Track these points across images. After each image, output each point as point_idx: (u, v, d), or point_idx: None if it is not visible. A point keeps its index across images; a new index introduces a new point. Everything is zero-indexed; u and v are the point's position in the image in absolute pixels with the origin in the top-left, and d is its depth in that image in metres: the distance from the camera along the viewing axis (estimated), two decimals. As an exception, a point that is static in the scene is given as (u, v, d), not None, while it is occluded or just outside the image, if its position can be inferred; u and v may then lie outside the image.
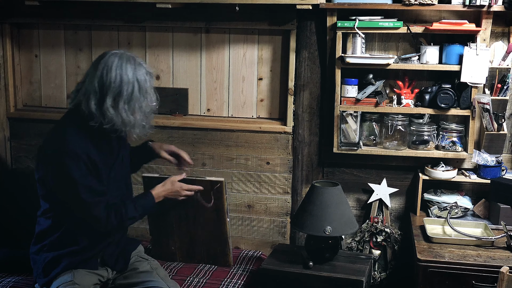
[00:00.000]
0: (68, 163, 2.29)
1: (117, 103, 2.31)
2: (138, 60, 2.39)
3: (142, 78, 2.35)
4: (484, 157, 2.89)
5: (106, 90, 2.30)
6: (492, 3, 2.74)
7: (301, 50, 3.11)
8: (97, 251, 2.48)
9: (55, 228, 2.44)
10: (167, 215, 2.87)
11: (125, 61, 2.33)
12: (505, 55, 2.86)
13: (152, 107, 2.45)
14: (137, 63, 2.36)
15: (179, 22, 3.22)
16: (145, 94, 2.37)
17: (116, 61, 2.33)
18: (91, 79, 2.34)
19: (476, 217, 2.92)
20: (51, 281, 2.42)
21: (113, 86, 2.30)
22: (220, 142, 3.29)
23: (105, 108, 2.30)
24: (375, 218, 3.14)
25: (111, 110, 2.30)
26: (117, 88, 2.30)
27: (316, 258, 2.71)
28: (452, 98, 2.86)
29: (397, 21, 2.86)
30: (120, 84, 2.30)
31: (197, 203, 2.78)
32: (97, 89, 2.31)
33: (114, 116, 2.31)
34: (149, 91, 2.40)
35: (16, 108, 3.51)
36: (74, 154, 2.30)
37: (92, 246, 2.46)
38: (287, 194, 3.26)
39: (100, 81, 2.31)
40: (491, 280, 2.41)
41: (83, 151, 2.32)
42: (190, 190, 2.68)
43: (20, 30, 3.47)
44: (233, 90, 3.30)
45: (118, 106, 2.31)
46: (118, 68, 2.31)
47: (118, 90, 2.31)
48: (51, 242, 2.44)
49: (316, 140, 3.19)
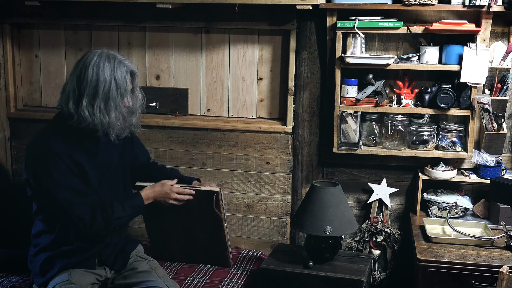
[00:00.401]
0: (48, 164, 2.28)
1: (93, 103, 2.29)
2: (119, 58, 2.35)
3: (121, 77, 2.31)
4: (483, 157, 2.89)
5: (83, 90, 2.29)
6: (491, 3, 2.74)
7: (301, 50, 3.11)
8: (95, 251, 2.47)
9: (48, 230, 2.44)
10: (164, 222, 2.83)
11: (103, 60, 2.30)
12: (505, 55, 2.86)
13: (134, 108, 2.41)
14: (117, 62, 2.32)
15: (179, 22, 3.23)
16: (123, 93, 2.33)
17: (94, 59, 2.30)
18: (71, 79, 2.33)
19: (476, 217, 2.92)
20: (47, 282, 2.42)
21: (89, 85, 2.28)
22: (220, 142, 3.29)
23: (81, 108, 2.28)
24: (375, 218, 3.14)
25: (87, 110, 2.28)
26: (93, 88, 2.28)
27: (316, 258, 2.71)
28: (452, 98, 2.86)
29: (397, 21, 2.86)
30: (96, 83, 2.28)
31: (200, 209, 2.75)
32: (75, 89, 2.30)
33: (89, 116, 2.28)
34: (128, 90, 2.36)
35: (16, 108, 3.51)
36: (54, 155, 2.29)
37: (88, 247, 2.45)
38: (287, 194, 3.26)
39: (78, 80, 2.30)
40: (491, 280, 2.42)
41: (64, 152, 2.30)
42: (181, 194, 2.61)
43: (20, 30, 3.47)
44: (233, 90, 3.31)
45: (93, 105, 2.29)
46: (95, 67, 2.28)
47: (94, 90, 2.28)
48: (46, 243, 2.43)
49: (316, 140, 3.19)
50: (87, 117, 2.29)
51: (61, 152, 2.30)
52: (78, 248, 2.43)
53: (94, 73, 2.28)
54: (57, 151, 2.30)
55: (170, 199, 2.59)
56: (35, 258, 2.47)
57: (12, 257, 2.88)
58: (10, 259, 2.87)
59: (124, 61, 2.36)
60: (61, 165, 2.30)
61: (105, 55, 2.32)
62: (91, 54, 2.33)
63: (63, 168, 2.30)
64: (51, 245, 2.43)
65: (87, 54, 2.35)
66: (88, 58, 2.31)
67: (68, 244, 2.42)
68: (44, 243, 2.44)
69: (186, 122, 3.30)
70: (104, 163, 2.46)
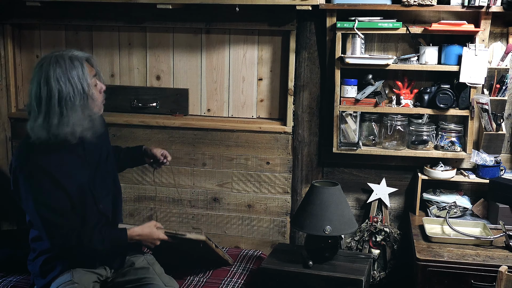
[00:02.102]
0: (28, 179, 2.25)
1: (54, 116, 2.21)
2: (69, 55, 2.24)
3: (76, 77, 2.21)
4: (482, 157, 2.90)
5: (41, 107, 2.20)
6: (490, 4, 2.75)
7: (301, 51, 3.12)
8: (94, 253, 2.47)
9: (42, 237, 2.42)
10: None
11: (52, 71, 2.19)
12: (504, 55, 2.87)
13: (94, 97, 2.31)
14: (67, 61, 2.22)
15: (179, 22, 3.24)
16: (84, 90, 2.23)
17: (41, 74, 2.20)
18: (29, 97, 2.26)
19: (475, 217, 2.93)
20: (49, 283, 2.42)
21: (46, 101, 2.20)
22: (220, 142, 3.30)
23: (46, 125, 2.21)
24: (374, 218, 3.15)
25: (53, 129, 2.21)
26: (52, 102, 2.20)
27: (316, 258, 2.72)
28: (451, 99, 2.87)
29: (396, 22, 2.87)
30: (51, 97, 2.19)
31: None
32: (34, 107, 2.22)
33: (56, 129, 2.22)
34: (91, 82, 2.27)
35: (17, 108, 3.52)
36: (39, 170, 2.24)
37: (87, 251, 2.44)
38: (287, 194, 3.27)
39: (35, 99, 2.22)
40: (490, 279, 2.42)
41: (44, 166, 2.25)
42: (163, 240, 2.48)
43: (21, 30, 3.48)
44: (233, 91, 3.31)
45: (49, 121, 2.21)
46: (43, 83, 2.19)
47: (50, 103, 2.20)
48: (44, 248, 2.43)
49: (315, 140, 3.20)
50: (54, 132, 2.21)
51: (40, 166, 2.24)
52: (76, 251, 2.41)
53: (44, 90, 2.19)
54: (35, 166, 2.24)
55: (154, 245, 2.48)
56: (35, 261, 2.47)
57: (12, 257, 2.89)
58: (10, 259, 2.88)
59: (74, 54, 2.26)
60: (46, 182, 2.25)
61: (52, 65, 2.21)
62: (37, 69, 2.23)
63: (47, 186, 2.25)
64: (50, 249, 2.42)
65: (35, 69, 2.25)
66: (37, 75, 2.22)
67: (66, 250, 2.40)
68: (42, 248, 2.44)
69: (187, 122, 3.30)
70: (92, 161, 2.44)
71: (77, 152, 2.39)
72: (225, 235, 3.36)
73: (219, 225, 3.37)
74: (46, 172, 2.26)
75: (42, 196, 2.27)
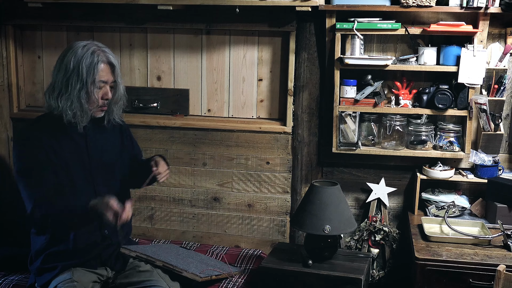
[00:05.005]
0: (20, 144, 2.42)
1: (60, 93, 2.39)
2: (97, 49, 2.42)
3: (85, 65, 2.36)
4: (481, 157, 2.91)
5: (54, 83, 2.42)
6: (489, 5, 2.76)
7: (301, 51, 3.14)
8: (96, 253, 2.49)
9: (39, 231, 2.47)
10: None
11: (73, 51, 2.39)
12: (502, 56, 2.88)
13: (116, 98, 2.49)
14: (91, 51, 2.39)
15: (180, 23, 3.25)
16: (85, 80, 2.37)
17: (68, 50, 2.41)
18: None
19: (473, 216, 2.94)
20: (49, 282, 2.44)
21: (58, 78, 2.40)
22: (220, 142, 3.31)
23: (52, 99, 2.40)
24: (373, 217, 3.16)
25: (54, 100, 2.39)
26: (61, 79, 2.38)
27: (316, 257, 2.73)
28: (449, 99, 2.89)
29: (395, 23, 2.88)
30: (63, 75, 2.38)
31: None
32: (52, 82, 2.43)
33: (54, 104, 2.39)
34: (98, 80, 2.40)
35: (19, 108, 3.53)
36: (27, 138, 2.40)
37: (88, 248, 2.46)
38: (287, 194, 3.29)
39: (53, 75, 2.43)
40: (488, 278, 2.43)
41: (39, 137, 2.39)
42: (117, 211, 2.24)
43: (23, 31, 3.49)
44: (233, 91, 3.33)
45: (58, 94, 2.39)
46: (59, 60, 2.41)
47: (57, 77, 2.40)
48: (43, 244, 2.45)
49: (315, 140, 3.22)
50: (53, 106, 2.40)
51: (41, 138, 2.39)
52: (75, 250, 2.44)
53: (58, 67, 2.41)
54: (28, 136, 2.41)
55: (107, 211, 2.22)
56: (36, 259, 2.49)
57: (13, 255, 2.90)
58: (11, 258, 2.89)
59: (103, 52, 2.43)
60: (35, 149, 2.38)
61: (74, 46, 2.42)
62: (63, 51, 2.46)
63: (35, 152, 2.38)
64: (48, 245, 2.45)
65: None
66: (60, 55, 2.44)
67: (66, 243, 2.44)
68: (41, 244, 2.46)
69: (187, 122, 3.32)
70: (95, 158, 2.49)
71: (78, 142, 2.47)
72: (225, 235, 3.38)
73: (219, 225, 3.38)
74: (39, 144, 2.39)
75: (28, 160, 2.38)
